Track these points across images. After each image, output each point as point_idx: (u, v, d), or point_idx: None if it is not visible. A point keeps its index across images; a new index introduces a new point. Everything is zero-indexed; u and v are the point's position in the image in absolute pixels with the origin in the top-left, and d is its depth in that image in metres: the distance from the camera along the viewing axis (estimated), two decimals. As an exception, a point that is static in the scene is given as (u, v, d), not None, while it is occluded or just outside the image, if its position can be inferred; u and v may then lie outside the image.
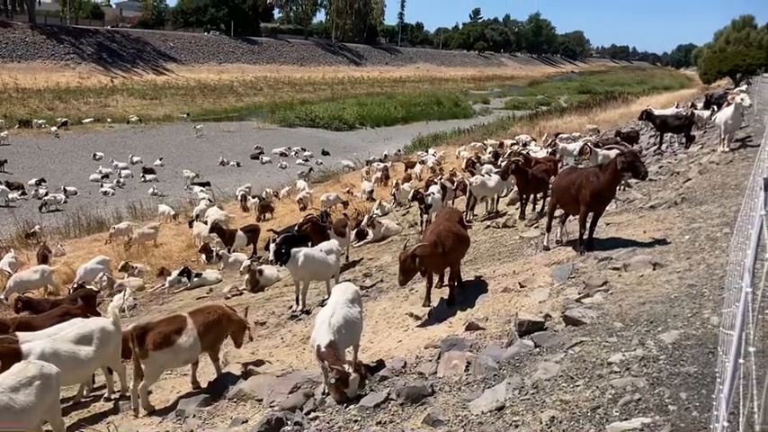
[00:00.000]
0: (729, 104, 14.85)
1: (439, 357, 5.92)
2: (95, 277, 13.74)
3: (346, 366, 5.40)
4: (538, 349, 5.36)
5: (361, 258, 13.72)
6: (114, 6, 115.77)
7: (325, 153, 40.63)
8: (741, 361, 2.28)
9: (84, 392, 7.48)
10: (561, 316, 6.01)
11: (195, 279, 13.77)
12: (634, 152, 8.75)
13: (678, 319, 5.13)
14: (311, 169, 33.30)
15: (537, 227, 11.70)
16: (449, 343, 6.15)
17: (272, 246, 9.45)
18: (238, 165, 36.11)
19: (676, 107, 27.02)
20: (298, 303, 9.80)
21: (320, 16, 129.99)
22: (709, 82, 69.41)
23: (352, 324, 6.12)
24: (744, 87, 28.50)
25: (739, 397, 2.38)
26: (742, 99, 14.70)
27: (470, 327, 6.73)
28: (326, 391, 5.61)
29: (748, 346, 2.23)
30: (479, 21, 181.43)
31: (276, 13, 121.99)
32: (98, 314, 9.22)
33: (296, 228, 12.69)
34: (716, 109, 20.84)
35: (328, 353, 5.54)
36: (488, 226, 13.22)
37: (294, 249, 9.40)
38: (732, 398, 2.43)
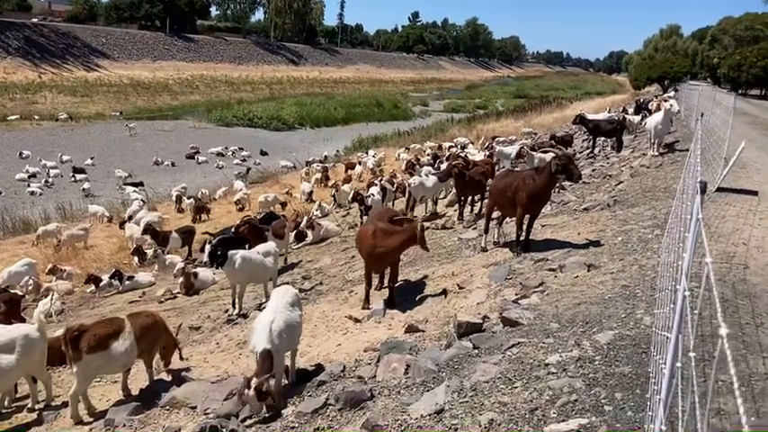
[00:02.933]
0: (659, 110, 15.39)
1: (378, 360, 5.85)
2: (20, 281, 13.17)
3: (253, 380, 5.15)
4: (476, 351, 5.36)
5: (300, 260, 13.55)
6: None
7: (263, 153, 40.08)
8: (678, 364, 2.30)
9: (6, 403, 7.12)
10: (499, 317, 6.04)
11: (127, 282, 13.33)
12: (568, 155, 8.91)
13: (612, 320, 5.22)
14: (249, 170, 32.76)
15: (475, 228, 11.81)
16: (388, 346, 6.08)
17: (208, 247, 9.22)
18: (173, 165, 35.20)
19: (608, 112, 27.86)
20: (234, 307, 9.59)
21: (259, 15, 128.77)
22: (639, 88, 71.83)
23: (293, 328, 5.98)
24: (672, 94, 29.67)
25: (678, 399, 2.40)
26: (671, 105, 15.26)
27: (410, 329, 6.71)
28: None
29: (687, 351, 2.24)
30: (418, 24, 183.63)
31: (213, 11, 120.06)
32: (23, 320, 8.83)
33: (233, 229, 12.46)
34: (646, 114, 21.55)
35: (261, 361, 5.39)
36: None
37: (230, 251, 9.19)
38: (669, 400, 2.45)
